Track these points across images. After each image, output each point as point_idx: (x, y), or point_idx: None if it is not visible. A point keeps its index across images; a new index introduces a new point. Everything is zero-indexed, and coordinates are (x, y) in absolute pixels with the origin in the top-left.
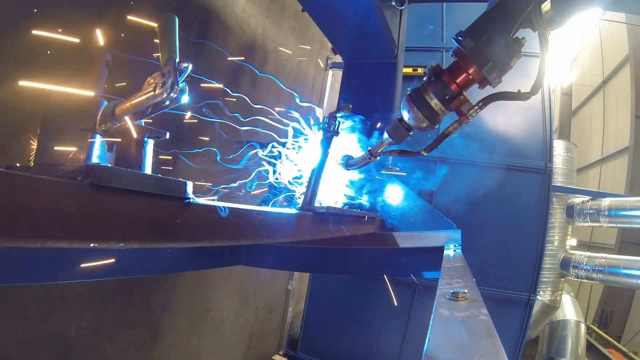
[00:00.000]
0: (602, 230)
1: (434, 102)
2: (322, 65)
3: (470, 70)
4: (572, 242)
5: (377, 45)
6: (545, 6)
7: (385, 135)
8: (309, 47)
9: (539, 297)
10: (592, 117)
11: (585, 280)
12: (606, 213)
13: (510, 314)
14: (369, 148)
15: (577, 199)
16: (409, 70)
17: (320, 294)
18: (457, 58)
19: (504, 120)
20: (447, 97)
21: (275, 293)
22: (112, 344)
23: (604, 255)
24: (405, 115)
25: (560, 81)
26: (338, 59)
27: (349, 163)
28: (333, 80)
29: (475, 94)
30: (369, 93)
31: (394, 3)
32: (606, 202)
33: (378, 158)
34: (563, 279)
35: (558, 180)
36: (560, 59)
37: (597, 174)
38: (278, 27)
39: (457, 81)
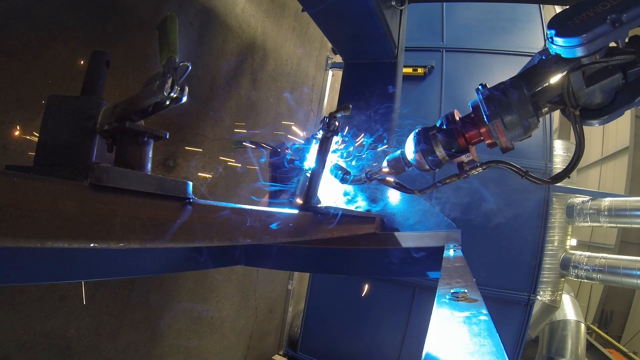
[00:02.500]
0: (602, 230)
1: (439, 151)
2: (322, 65)
3: (482, 130)
4: (572, 242)
5: (377, 45)
6: (580, 89)
7: (385, 163)
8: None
9: (539, 297)
10: None
11: (585, 280)
12: (606, 213)
13: (510, 314)
14: (367, 170)
15: (577, 199)
16: (409, 70)
17: (320, 294)
18: (473, 112)
19: None
20: (453, 150)
21: (275, 293)
22: (112, 343)
23: (604, 255)
24: (409, 153)
25: None
26: (338, 59)
27: (345, 179)
28: (333, 80)
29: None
30: (369, 93)
31: (393, 3)
32: (606, 202)
33: (373, 181)
34: (563, 279)
35: None
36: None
37: (597, 174)
38: (278, 27)
39: (467, 135)
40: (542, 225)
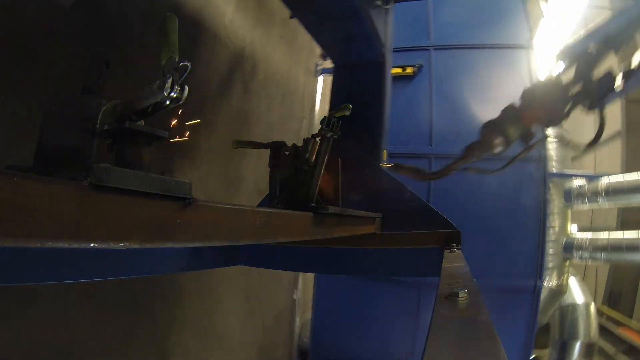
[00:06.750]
0: (602, 213)
1: None
2: (311, 72)
3: None
4: (573, 228)
5: (364, 45)
6: None
7: None
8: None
9: (545, 283)
10: None
11: (590, 262)
12: (604, 194)
13: (519, 303)
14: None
15: (574, 183)
16: (399, 70)
17: (326, 301)
18: None
19: (495, 111)
20: None
21: (281, 304)
22: (111, 344)
23: (606, 234)
24: None
25: (550, 71)
26: (327, 64)
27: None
28: (323, 86)
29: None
30: (358, 94)
31: (379, 2)
32: (603, 183)
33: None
34: (567, 263)
35: (554, 167)
36: (550, 48)
37: (592, 159)
38: (267, 35)
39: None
40: (541, 211)
